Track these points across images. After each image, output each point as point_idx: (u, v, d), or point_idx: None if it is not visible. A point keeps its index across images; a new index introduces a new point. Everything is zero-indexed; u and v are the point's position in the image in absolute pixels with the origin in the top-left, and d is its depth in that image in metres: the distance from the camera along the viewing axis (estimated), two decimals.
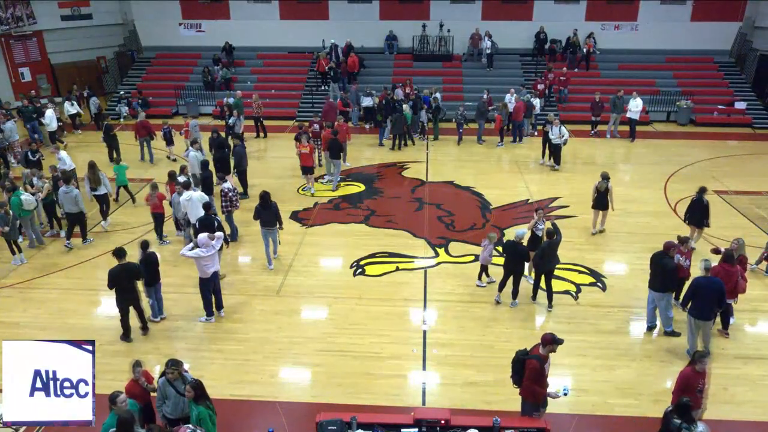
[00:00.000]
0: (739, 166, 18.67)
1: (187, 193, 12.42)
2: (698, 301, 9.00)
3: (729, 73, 25.79)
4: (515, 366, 7.48)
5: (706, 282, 8.94)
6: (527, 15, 26.61)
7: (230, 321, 10.53)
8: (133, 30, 28.72)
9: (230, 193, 12.88)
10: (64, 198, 12.99)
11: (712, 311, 9.11)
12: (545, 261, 10.32)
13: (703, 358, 7.06)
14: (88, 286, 11.65)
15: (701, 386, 7.12)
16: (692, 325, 9.15)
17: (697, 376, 7.09)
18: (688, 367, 7.18)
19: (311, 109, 22.93)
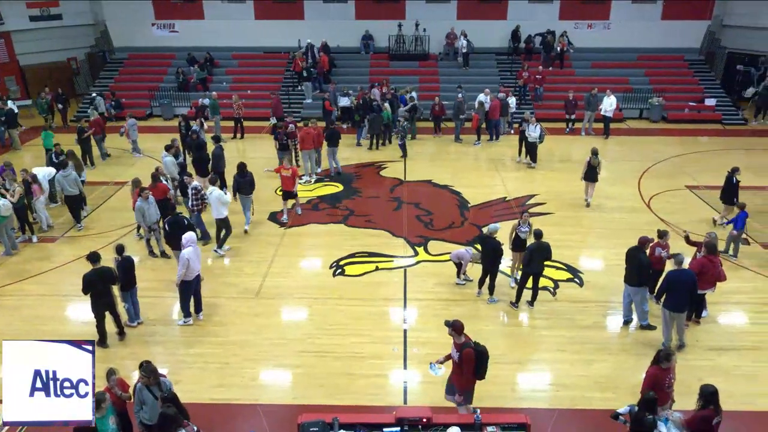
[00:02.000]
0: (709, 161, 19.05)
1: (211, 188, 12.63)
2: (673, 293, 9.16)
3: (699, 71, 26.33)
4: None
5: (680, 274, 9.11)
6: (502, 14, 26.82)
7: (209, 324, 10.43)
8: (105, 30, 28.21)
9: (200, 191, 12.75)
10: (63, 181, 13.71)
11: (686, 303, 9.28)
12: (533, 263, 10.32)
13: (669, 356, 7.13)
14: (63, 292, 11.43)
15: (671, 381, 7.25)
16: (667, 317, 9.32)
17: (664, 374, 7.19)
18: (653, 366, 7.25)
19: (288, 109, 22.78)
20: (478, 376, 7.58)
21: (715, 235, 10.46)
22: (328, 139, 17.50)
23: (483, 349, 7.49)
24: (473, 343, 7.48)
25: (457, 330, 7.47)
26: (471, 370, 7.41)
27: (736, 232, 12.23)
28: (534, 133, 17.69)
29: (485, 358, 7.48)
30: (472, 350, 7.36)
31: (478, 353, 7.40)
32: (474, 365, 7.39)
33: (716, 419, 6.51)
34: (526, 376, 9.13)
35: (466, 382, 7.58)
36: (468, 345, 7.42)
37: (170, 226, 11.43)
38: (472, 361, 7.36)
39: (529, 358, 9.54)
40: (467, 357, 7.33)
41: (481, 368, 7.49)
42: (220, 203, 12.47)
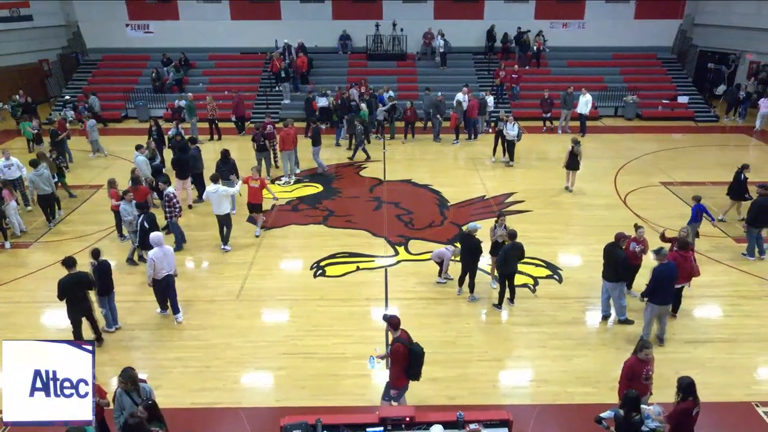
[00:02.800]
0: (683, 158, 19.44)
1: (214, 185, 12.65)
2: (661, 288, 9.21)
3: (671, 69, 26.85)
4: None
5: (665, 268, 9.19)
6: (479, 14, 27.02)
7: (190, 328, 10.32)
8: (77, 31, 27.74)
9: (174, 199, 12.60)
10: (37, 180, 13.63)
11: (671, 296, 9.40)
12: (508, 264, 10.37)
13: (646, 347, 7.23)
14: (38, 299, 11.21)
15: (649, 373, 7.36)
16: (651, 312, 9.39)
17: (641, 365, 7.29)
18: (632, 356, 7.38)
19: (266, 110, 22.65)
20: (411, 376, 7.67)
21: (688, 230, 10.66)
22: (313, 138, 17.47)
23: (418, 350, 7.55)
24: (409, 342, 7.54)
25: (392, 325, 7.60)
26: (399, 366, 7.50)
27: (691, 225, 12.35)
28: (512, 132, 17.85)
29: (418, 358, 7.55)
30: (401, 345, 7.45)
31: (412, 352, 7.48)
32: (404, 362, 7.48)
33: (695, 410, 6.64)
34: (507, 373, 9.20)
35: (396, 378, 7.66)
36: (399, 340, 7.51)
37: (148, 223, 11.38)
38: (401, 356, 7.44)
39: (510, 354, 9.62)
40: (395, 352, 7.44)
41: (412, 368, 7.57)
42: (223, 198, 12.57)
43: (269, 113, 20.05)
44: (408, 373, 7.63)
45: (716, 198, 15.62)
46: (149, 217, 11.66)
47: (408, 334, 7.73)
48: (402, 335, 7.61)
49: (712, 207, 15.10)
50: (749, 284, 11.62)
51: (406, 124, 21.19)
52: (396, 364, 7.54)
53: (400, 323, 7.64)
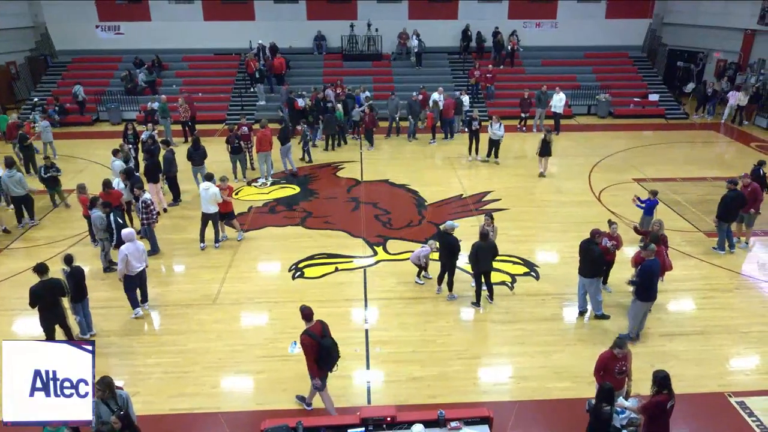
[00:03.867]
0: (654, 154, 19.80)
1: (206, 183, 12.63)
2: (650, 284, 9.32)
3: (642, 67, 27.33)
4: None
5: (653, 265, 9.28)
6: (453, 14, 27.17)
7: (167, 333, 10.19)
8: (46, 33, 27.15)
9: (151, 205, 12.44)
10: (8, 181, 13.50)
11: (656, 292, 9.51)
12: (480, 261, 10.45)
13: (619, 346, 7.37)
14: (9, 306, 10.94)
15: (622, 368, 7.48)
16: (639, 308, 9.49)
17: (615, 360, 7.43)
18: (609, 350, 7.51)
19: (241, 111, 22.46)
20: (324, 368, 7.81)
21: (661, 223, 10.85)
22: (283, 138, 17.34)
23: (329, 344, 7.72)
24: (321, 336, 7.69)
25: (304, 316, 7.74)
26: (310, 358, 7.66)
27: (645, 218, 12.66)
28: (499, 132, 18.00)
29: (328, 352, 7.71)
30: (308, 338, 7.61)
31: (321, 345, 7.63)
32: (312, 354, 7.63)
33: (670, 402, 6.76)
34: (487, 370, 9.27)
35: (309, 368, 7.78)
36: (307, 332, 7.65)
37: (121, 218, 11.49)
38: (309, 348, 7.60)
39: (489, 352, 9.69)
40: (303, 344, 7.63)
41: (323, 360, 7.72)
42: (210, 200, 12.56)
43: (245, 114, 19.89)
44: (320, 365, 7.76)
45: (687, 194, 15.99)
46: (118, 215, 11.65)
47: (323, 326, 7.84)
48: (314, 328, 7.74)
49: (683, 202, 15.45)
50: (720, 277, 11.88)
51: (366, 130, 20.35)
52: (307, 356, 7.69)
53: (312, 314, 7.78)
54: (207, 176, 13.06)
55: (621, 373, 7.51)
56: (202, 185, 12.80)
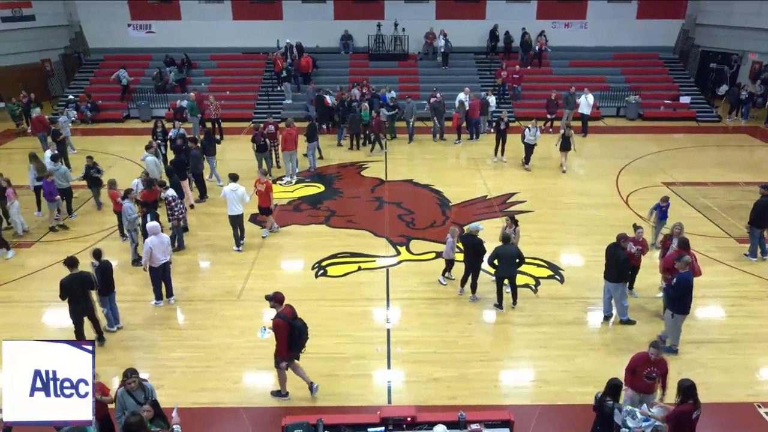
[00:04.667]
0: (685, 158, 19.40)
1: (234, 184, 12.68)
2: (687, 297, 9.08)
3: (673, 69, 26.80)
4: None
5: (690, 276, 9.03)
6: (480, 14, 27.00)
7: (191, 328, 10.34)
8: (80, 31, 27.77)
9: (173, 202, 12.55)
10: (54, 174, 14.00)
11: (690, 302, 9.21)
12: (501, 265, 10.33)
13: (652, 345, 7.30)
14: (40, 298, 11.21)
15: (652, 373, 7.35)
16: (679, 321, 9.24)
17: (647, 363, 7.32)
18: (645, 351, 7.42)
19: (268, 110, 22.67)
20: (294, 349, 8.17)
21: (681, 226, 10.59)
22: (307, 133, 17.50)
23: (300, 325, 8.08)
24: (292, 318, 8.03)
25: (277, 300, 8.07)
26: (280, 339, 7.98)
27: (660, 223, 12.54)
28: (533, 137, 17.68)
29: (299, 334, 8.07)
30: (281, 320, 7.92)
31: (292, 326, 7.98)
32: (283, 336, 7.96)
33: (695, 413, 6.62)
34: (509, 373, 9.19)
35: (280, 350, 8.11)
36: (280, 315, 7.97)
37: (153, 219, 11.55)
38: (280, 330, 7.93)
39: (511, 354, 9.61)
40: (276, 326, 7.95)
41: (294, 341, 8.07)
42: (239, 201, 12.64)
43: (271, 113, 20.06)
44: (291, 347, 8.09)
45: (718, 198, 15.65)
46: (155, 215, 11.82)
47: (293, 310, 8.16)
48: (285, 311, 8.06)
49: (713, 207, 15.13)
50: (751, 285, 11.59)
51: (373, 134, 19.90)
52: (279, 338, 8.00)
53: (283, 299, 8.13)
54: (232, 176, 12.93)
55: (650, 378, 7.37)
56: (229, 186, 12.68)
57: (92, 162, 14.84)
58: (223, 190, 12.84)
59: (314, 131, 17.74)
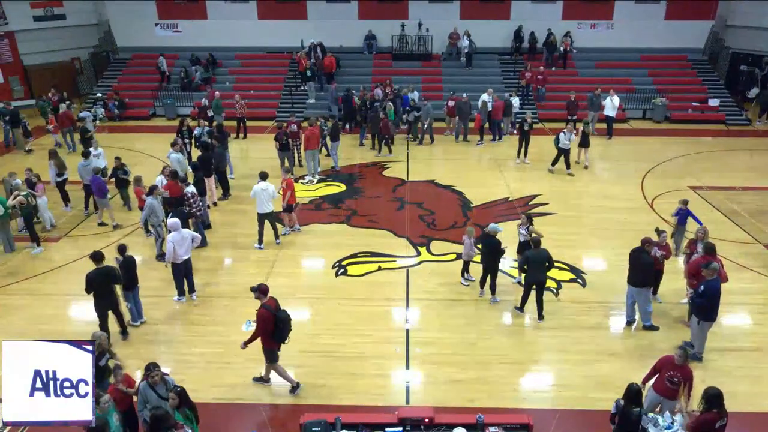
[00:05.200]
0: (713, 162, 19.03)
1: (264, 183, 12.77)
2: (715, 305, 8.93)
3: (702, 71, 26.28)
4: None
5: (718, 283, 8.89)
6: (505, 14, 26.80)
7: (211, 324, 10.45)
8: (108, 30, 28.28)
9: (191, 198, 12.68)
10: (83, 171, 14.36)
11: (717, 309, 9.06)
12: (531, 270, 10.19)
13: (679, 350, 7.24)
14: (66, 291, 11.45)
15: (674, 378, 7.25)
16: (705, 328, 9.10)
17: (670, 366, 7.25)
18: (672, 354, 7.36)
19: (291, 109, 22.82)
20: (278, 340, 8.40)
21: (706, 231, 10.39)
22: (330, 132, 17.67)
23: (284, 316, 8.30)
24: (276, 309, 8.26)
25: (262, 291, 8.37)
26: (261, 329, 8.21)
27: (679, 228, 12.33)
28: (568, 141, 17.24)
29: (284, 324, 8.29)
30: (266, 311, 8.15)
31: (277, 318, 8.20)
32: (269, 326, 8.18)
33: (720, 422, 6.49)
34: (528, 377, 9.12)
35: (264, 341, 8.35)
36: (265, 306, 8.20)
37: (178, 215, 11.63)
38: (264, 321, 8.14)
39: (531, 358, 9.53)
40: (260, 316, 8.16)
41: (278, 332, 8.29)
42: (270, 199, 12.75)
43: (294, 112, 20.18)
44: (275, 338, 8.33)
45: (746, 203, 15.32)
46: (180, 214, 11.90)
47: (276, 302, 8.40)
48: (269, 302, 8.31)
49: (741, 212, 14.81)
50: None
51: (381, 137, 19.66)
52: (259, 328, 8.23)
53: (268, 290, 8.45)
54: (262, 175, 12.97)
55: (672, 383, 7.25)
56: (259, 185, 12.71)
57: (120, 163, 14.91)
58: (253, 188, 12.83)
59: (338, 131, 17.83)
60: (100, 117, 23.88)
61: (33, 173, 13.97)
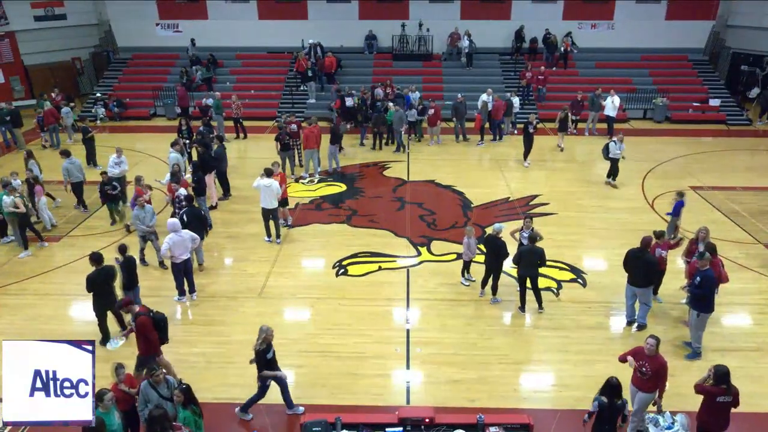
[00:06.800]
0: (713, 162, 19.02)
1: (268, 180, 12.81)
2: (709, 296, 9.07)
3: (703, 71, 26.27)
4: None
5: (710, 274, 9.03)
6: (505, 14, 26.79)
7: (212, 324, 10.45)
8: (109, 30, 28.28)
9: (183, 201, 12.54)
10: (71, 167, 14.37)
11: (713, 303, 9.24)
12: (523, 265, 10.28)
13: (653, 339, 7.36)
14: (66, 291, 11.45)
15: (642, 368, 7.39)
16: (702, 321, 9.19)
17: (640, 356, 7.45)
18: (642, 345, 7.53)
19: (291, 109, 22.80)
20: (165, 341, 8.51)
21: (707, 230, 10.40)
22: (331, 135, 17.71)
23: (161, 317, 8.38)
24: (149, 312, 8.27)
25: (126, 304, 8.47)
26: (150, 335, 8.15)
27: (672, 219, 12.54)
28: (618, 151, 16.37)
29: (165, 323, 8.41)
30: (145, 318, 8.12)
31: (155, 320, 8.24)
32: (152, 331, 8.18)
33: (722, 397, 6.82)
34: (528, 377, 9.12)
35: (145, 349, 8.27)
36: (141, 314, 8.15)
37: (188, 215, 11.63)
38: (147, 327, 8.11)
39: (531, 358, 9.53)
40: (142, 324, 8.06)
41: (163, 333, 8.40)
42: (274, 196, 12.80)
43: (294, 112, 20.17)
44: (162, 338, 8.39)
45: (747, 203, 15.32)
46: (190, 211, 11.83)
47: (146, 307, 8.48)
48: (141, 309, 8.31)
49: (742, 213, 14.81)
50: None
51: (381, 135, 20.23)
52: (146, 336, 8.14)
53: (132, 302, 8.54)
54: (267, 172, 13.02)
55: (642, 374, 7.38)
56: (263, 181, 12.83)
57: (107, 178, 14.06)
58: (257, 181, 12.96)
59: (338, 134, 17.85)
60: (100, 117, 23.89)
61: (32, 174, 13.97)
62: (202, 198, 13.79)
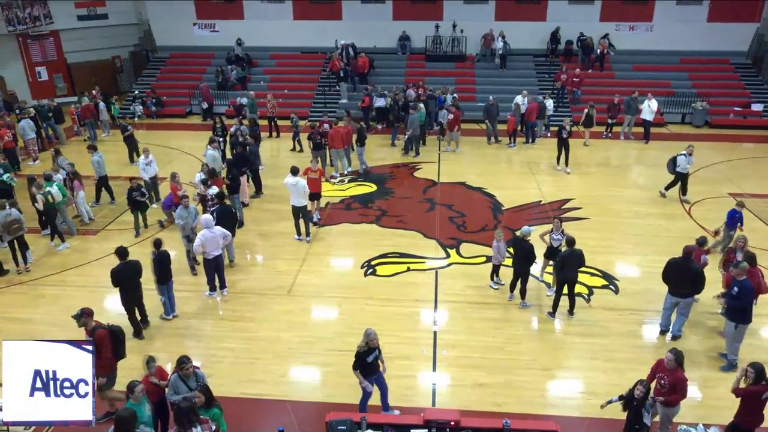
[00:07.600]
0: (755, 168, 18.44)
1: (294, 178, 12.95)
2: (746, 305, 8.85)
3: (745, 75, 25.47)
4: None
5: (748, 284, 8.81)
6: (541, 15, 26.44)
7: (241, 320, 10.59)
8: (148, 30, 28.93)
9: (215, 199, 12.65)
10: (101, 161, 15.08)
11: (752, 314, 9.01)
12: (566, 269, 10.11)
13: (673, 354, 7.17)
14: (102, 284, 11.70)
15: (662, 380, 7.27)
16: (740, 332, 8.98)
17: (659, 367, 7.35)
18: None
19: (324, 109, 22.95)
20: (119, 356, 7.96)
21: (746, 239, 10.10)
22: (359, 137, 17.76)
23: (119, 330, 7.95)
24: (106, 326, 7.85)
25: (87, 315, 7.86)
26: (109, 350, 7.68)
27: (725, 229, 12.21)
28: (688, 165, 15.51)
29: (123, 335, 8.00)
30: (102, 330, 7.68)
31: (112, 332, 7.82)
32: (110, 345, 7.72)
33: (766, 394, 6.74)
34: (556, 383, 8.99)
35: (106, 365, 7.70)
36: (99, 326, 7.74)
37: (218, 213, 11.78)
38: (106, 340, 7.62)
39: (560, 364, 9.39)
40: (101, 338, 7.54)
41: (121, 346, 7.97)
42: (301, 194, 12.93)
43: (326, 112, 20.29)
44: (116, 354, 7.89)
45: None
46: (221, 209, 12.00)
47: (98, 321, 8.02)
48: (97, 323, 7.87)
49: None
50: None
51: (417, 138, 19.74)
52: (104, 351, 7.62)
53: (92, 313, 7.94)
54: (293, 170, 13.14)
55: (661, 387, 7.26)
56: (289, 180, 12.98)
57: (136, 184, 13.72)
58: (286, 179, 13.13)
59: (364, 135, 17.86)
60: (138, 114, 24.45)
61: (73, 168, 14.37)
62: (236, 196, 13.98)
